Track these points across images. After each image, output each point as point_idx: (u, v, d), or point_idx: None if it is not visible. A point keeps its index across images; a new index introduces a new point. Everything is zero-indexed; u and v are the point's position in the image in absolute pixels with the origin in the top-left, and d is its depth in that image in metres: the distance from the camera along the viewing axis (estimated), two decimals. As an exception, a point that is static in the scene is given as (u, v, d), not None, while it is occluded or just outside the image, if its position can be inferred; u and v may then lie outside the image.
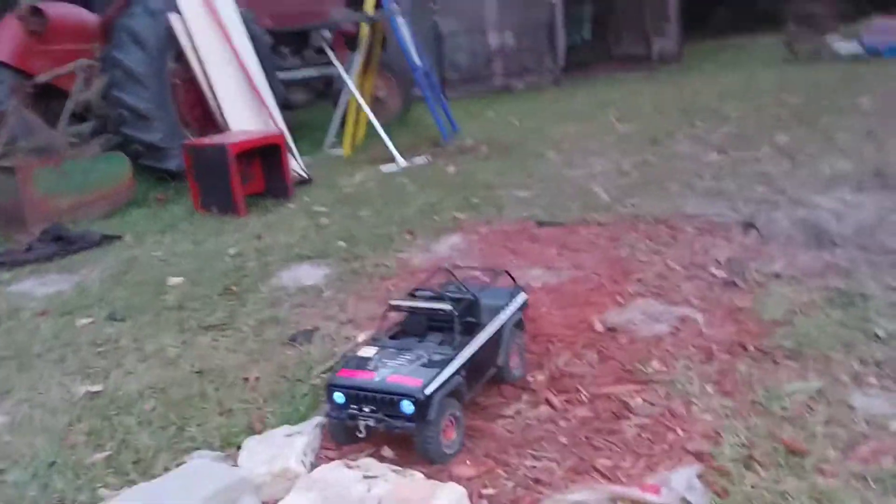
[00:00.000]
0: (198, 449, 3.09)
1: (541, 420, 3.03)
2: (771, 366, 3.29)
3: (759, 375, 3.21)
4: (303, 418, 3.20)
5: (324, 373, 3.59)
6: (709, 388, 3.13)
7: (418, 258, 5.04)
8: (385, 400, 2.72)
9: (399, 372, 2.80)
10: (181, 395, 3.56)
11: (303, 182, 7.39)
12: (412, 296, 3.26)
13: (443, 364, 2.81)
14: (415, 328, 3.16)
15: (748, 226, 4.98)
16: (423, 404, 2.67)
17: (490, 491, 2.63)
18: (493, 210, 5.96)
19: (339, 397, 2.82)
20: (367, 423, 2.76)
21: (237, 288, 4.83)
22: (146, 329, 4.36)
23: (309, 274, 4.97)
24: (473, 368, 2.95)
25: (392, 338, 3.14)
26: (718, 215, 5.26)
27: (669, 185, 6.18)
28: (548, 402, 3.13)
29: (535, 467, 2.73)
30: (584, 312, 3.89)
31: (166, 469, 2.97)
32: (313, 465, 2.85)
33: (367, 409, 2.76)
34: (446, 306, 2.99)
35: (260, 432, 3.15)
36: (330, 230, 5.86)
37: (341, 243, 5.49)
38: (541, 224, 5.44)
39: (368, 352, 2.99)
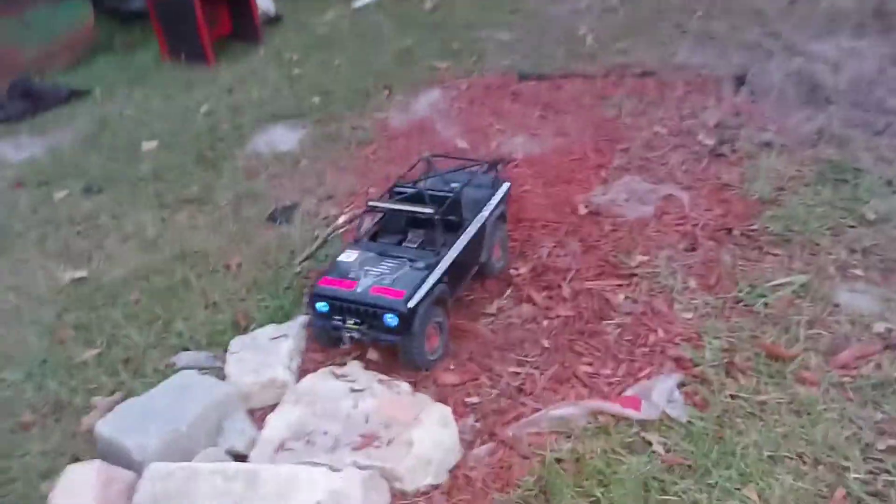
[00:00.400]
0: (185, 347, 3.14)
1: (524, 319, 3.07)
2: (756, 254, 3.29)
3: (744, 267, 3.22)
4: (287, 315, 3.22)
5: (305, 259, 3.58)
6: (691, 283, 3.16)
7: (397, 119, 4.86)
8: (368, 312, 2.72)
9: (382, 282, 2.76)
10: (165, 284, 3.55)
11: (272, 20, 6.94)
12: (392, 192, 3.16)
13: (425, 272, 2.78)
14: (395, 226, 3.10)
15: (740, 80, 4.80)
16: (406, 317, 2.66)
17: (474, 399, 2.72)
18: (474, 57, 5.66)
19: (321, 307, 2.81)
20: (351, 335, 2.77)
21: (212, 154, 4.68)
22: (124, 203, 4.27)
23: (284, 137, 4.80)
24: (456, 271, 2.93)
25: (372, 238, 3.08)
26: (709, 67, 5.04)
27: (659, 26, 5.85)
28: (530, 300, 3.16)
29: (517, 374, 2.81)
30: (567, 191, 3.83)
31: (156, 370, 3.04)
32: (300, 369, 2.92)
33: (350, 321, 2.76)
34: (427, 210, 2.90)
35: (245, 329, 3.19)
36: (303, 83, 5.59)
37: (315, 99, 5.26)
38: (523, 77, 5.20)
39: (350, 256, 2.93)
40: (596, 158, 4.11)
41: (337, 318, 2.79)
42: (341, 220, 3.83)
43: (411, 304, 2.69)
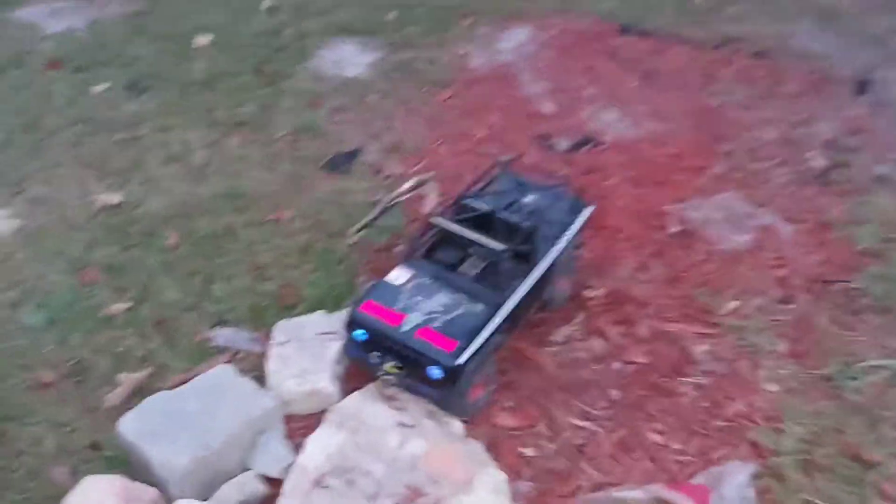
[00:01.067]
0: (224, 319, 2.89)
1: (593, 356, 2.79)
2: (852, 320, 2.96)
3: (838, 335, 2.90)
4: (339, 299, 2.94)
5: (362, 228, 3.27)
6: (781, 346, 2.85)
7: (478, 59, 4.38)
8: (410, 357, 2.39)
9: (432, 323, 2.41)
10: (208, 228, 3.26)
11: None
12: (460, 206, 2.77)
13: (484, 318, 2.44)
14: (456, 242, 2.67)
15: (861, 86, 4.28)
16: (453, 373, 2.34)
17: (530, 452, 2.49)
18: (571, -11, 5.08)
19: (359, 334, 2.48)
20: (389, 380, 2.48)
21: (271, 67, 4.25)
22: (170, 113, 3.90)
23: (353, 59, 4.35)
24: (518, 313, 2.58)
25: (428, 255, 2.67)
26: (830, 59, 4.49)
27: (782, -12, 5.22)
28: (602, 334, 2.86)
29: (580, 428, 2.56)
30: (658, 196, 3.44)
31: (190, 342, 2.80)
32: (346, 373, 2.67)
33: (389, 363, 2.43)
34: (497, 245, 2.54)
35: (292, 308, 2.93)
36: (381, -13, 5.04)
37: (391, 14, 4.75)
38: (625, 30, 4.66)
39: (400, 278, 2.56)
40: (694, 158, 3.69)
41: (375, 353, 2.46)
42: (405, 186, 3.48)
43: (461, 360, 2.35)
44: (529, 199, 2.88)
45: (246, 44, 4.44)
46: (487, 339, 2.44)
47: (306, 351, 2.65)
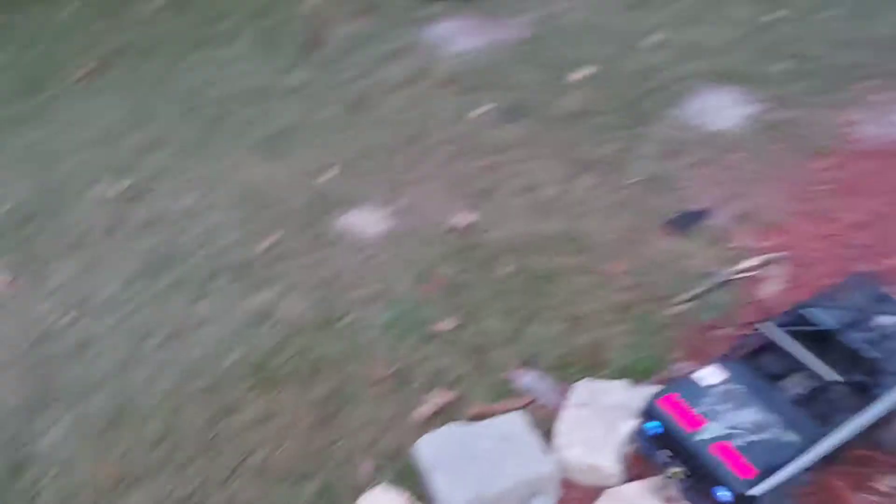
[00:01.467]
0: (532, 363, 3.00)
1: (925, 523, 2.39)
2: None
3: None
4: (645, 371, 2.88)
5: (689, 300, 3.15)
6: None
7: (868, 129, 3.87)
8: (700, 470, 2.24)
9: (733, 439, 2.23)
10: (541, 267, 3.38)
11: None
12: (796, 317, 2.50)
13: (794, 453, 2.19)
14: (780, 357, 2.45)
15: None
16: (743, 502, 2.15)
17: None
18: None
19: (652, 427, 2.38)
20: (673, 483, 2.34)
21: (639, 108, 4.23)
22: (533, 144, 4.10)
23: (726, 109, 4.14)
24: (838, 453, 2.28)
25: (749, 357, 2.47)
26: None
27: None
28: (946, 499, 2.43)
29: None
30: None
31: (494, 378, 2.96)
32: (633, 454, 2.62)
33: (676, 467, 2.31)
34: (829, 373, 2.26)
35: (598, 367, 2.95)
36: (778, 33, 4.70)
37: (782, 65, 4.41)
38: None
39: (711, 378, 2.40)
40: None
41: (663, 449, 2.36)
42: (749, 263, 3.26)
43: (755, 492, 2.14)
44: (887, 320, 2.53)
45: (620, 81, 4.47)
46: (795, 476, 2.21)
47: (599, 420, 2.66)
